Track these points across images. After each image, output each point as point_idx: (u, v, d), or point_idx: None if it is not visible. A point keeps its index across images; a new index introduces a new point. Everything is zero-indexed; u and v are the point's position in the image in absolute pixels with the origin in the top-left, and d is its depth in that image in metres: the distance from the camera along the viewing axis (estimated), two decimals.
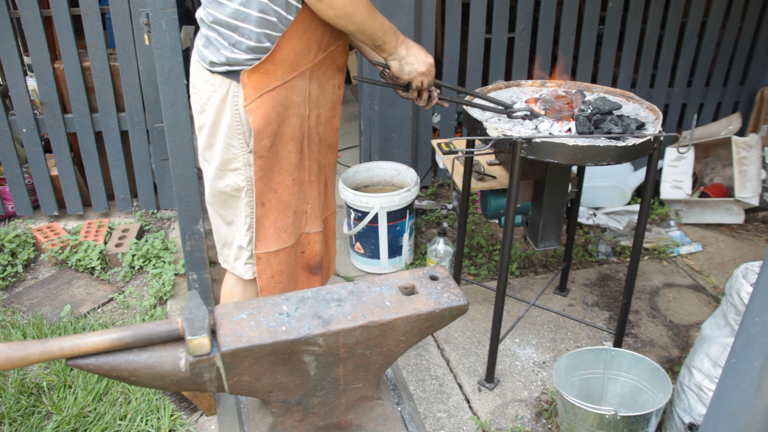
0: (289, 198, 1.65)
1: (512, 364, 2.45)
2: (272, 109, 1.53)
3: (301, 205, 1.71)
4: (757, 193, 3.27)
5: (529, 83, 2.38)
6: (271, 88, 1.51)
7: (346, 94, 5.71)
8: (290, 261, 1.73)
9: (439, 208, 3.54)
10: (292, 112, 1.57)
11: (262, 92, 1.51)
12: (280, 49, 1.49)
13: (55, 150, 3.30)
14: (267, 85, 1.51)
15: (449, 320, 1.11)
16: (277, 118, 1.55)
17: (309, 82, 1.59)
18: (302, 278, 1.83)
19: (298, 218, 1.71)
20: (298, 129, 1.61)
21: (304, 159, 1.67)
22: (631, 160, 1.93)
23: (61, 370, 2.34)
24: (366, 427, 1.19)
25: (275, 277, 1.72)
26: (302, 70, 1.55)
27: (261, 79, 1.50)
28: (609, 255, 3.17)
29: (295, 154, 1.63)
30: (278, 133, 1.57)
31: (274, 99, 1.53)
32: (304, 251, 1.77)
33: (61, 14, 3.00)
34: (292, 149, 1.61)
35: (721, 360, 1.87)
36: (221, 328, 1.01)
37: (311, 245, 1.77)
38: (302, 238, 1.76)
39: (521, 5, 3.41)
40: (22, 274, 3.03)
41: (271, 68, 1.50)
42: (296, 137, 1.61)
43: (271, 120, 1.55)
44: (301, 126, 1.61)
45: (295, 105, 1.57)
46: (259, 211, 1.63)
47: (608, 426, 1.88)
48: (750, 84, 3.87)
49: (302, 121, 1.61)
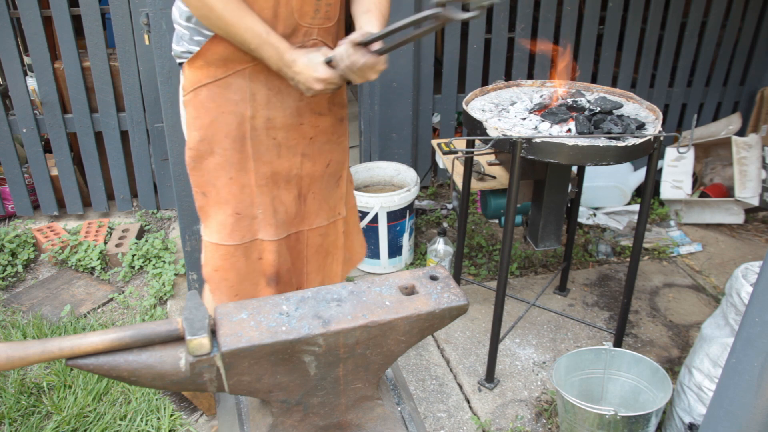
0: (227, 196, 1.63)
1: (512, 364, 2.45)
2: (201, 104, 1.55)
3: (247, 208, 1.65)
4: (757, 193, 3.27)
5: (529, 83, 2.39)
6: (203, 83, 1.53)
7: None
8: (238, 263, 1.68)
9: (439, 208, 3.54)
10: (227, 110, 1.56)
11: (195, 86, 1.54)
12: (210, 47, 1.51)
13: (55, 150, 3.30)
14: (199, 81, 1.53)
15: (449, 320, 1.11)
16: (207, 113, 1.56)
17: (250, 83, 1.56)
18: (261, 286, 1.76)
19: (244, 221, 1.65)
20: (235, 128, 1.58)
21: (247, 160, 1.62)
22: (631, 160, 1.93)
23: (61, 370, 2.34)
24: (366, 427, 1.19)
25: (219, 272, 1.69)
26: (239, 69, 1.53)
27: (194, 74, 1.53)
28: (609, 255, 3.17)
29: (232, 152, 1.60)
30: (209, 127, 1.57)
31: (205, 94, 1.54)
32: (261, 258, 1.71)
33: (61, 14, 3.01)
34: (228, 147, 1.59)
35: (721, 360, 1.87)
36: (221, 328, 1.01)
37: (266, 254, 1.70)
38: (256, 244, 1.69)
39: (521, 5, 3.41)
40: (22, 274, 3.03)
41: (203, 65, 1.52)
42: (233, 136, 1.58)
43: (200, 114, 1.56)
44: (240, 125, 1.58)
45: (231, 103, 1.56)
46: (201, 199, 1.65)
47: (608, 426, 1.88)
48: (750, 84, 3.87)
49: (241, 120, 1.58)
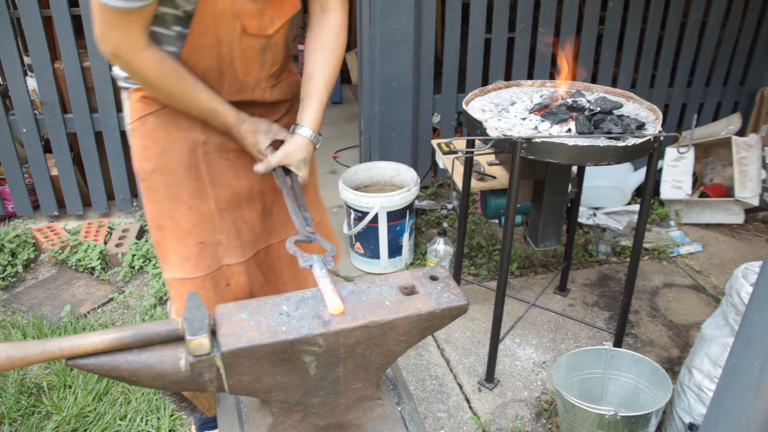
0: (188, 227, 1.52)
1: (512, 364, 2.45)
2: (149, 133, 1.46)
3: (210, 236, 1.56)
4: (757, 193, 3.27)
5: (529, 83, 2.39)
6: (149, 111, 1.45)
7: (346, 94, 5.71)
8: (208, 294, 1.59)
9: (439, 208, 3.54)
10: (177, 138, 1.48)
11: (141, 114, 1.45)
12: None
13: (55, 150, 3.30)
14: (145, 109, 1.45)
15: (449, 320, 1.11)
16: (156, 143, 1.46)
17: None
18: None
19: (208, 250, 1.56)
20: (188, 155, 1.49)
21: (204, 187, 1.53)
22: (631, 160, 1.92)
23: (61, 370, 2.34)
24: (366, 427, 1.19)
25: None
26: None
27: (140, 102, 1.44)
28: (609, 255, 3.17)
29: (188, 181, 1.51)
30: (161, 157, 1.47)
31: (152, 123, 1.45)
32: (229, 284, 1.64)
33: (61, 14, 3.01)
34: (183, 176, 1.50)
35: (721, 360, 1.87)
36: (221, 328, 1.01)
37: (235, 277, 1.63)
38: (223, 270, 1.61)
39: (521, 5, 3.41)
40: (22, 274, 3.03)
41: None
42: (187, 164, 1.49)
43: (149, 144, 1.46)
44: (193, 152, 1.50)
45: (181, 130, 1.47)
46: (158, 234, 1.54)
47: (608, 426, 1.88)
48: (750, 84, 3.87)
49: (194, 146, 1.49)
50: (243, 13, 1.32)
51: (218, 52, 1.37)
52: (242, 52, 1.39)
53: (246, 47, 1.39)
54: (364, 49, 3.47)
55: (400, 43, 3.28)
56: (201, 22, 1.30)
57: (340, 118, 5.12)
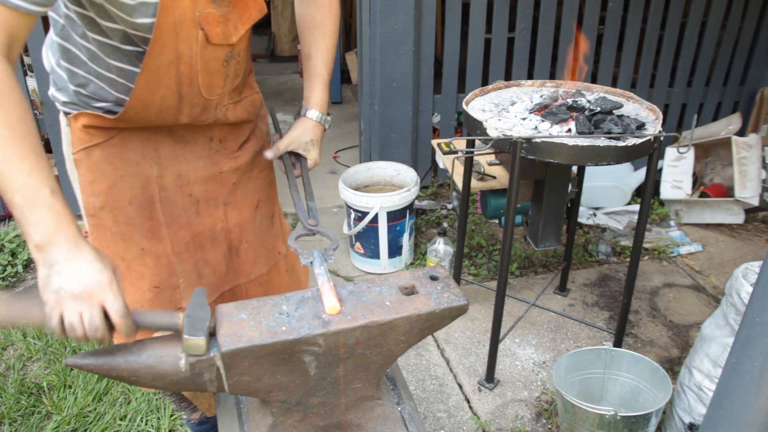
0: (141, 269, 1.39)
1: (512, 364, 2.45)
2: (95, 166, 1.31)
3: (166, 279, 1.43)
4: (757, 193, 3.27)
5: (529, 83, 2.39)
6: (94, 143, 1.30)
7: (346, 94, 5.71)
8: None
9: (439, 208, 3.54)
10: (127, 173, 1.33)
11: (85, 145, 1.30)
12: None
13: (55, 150, 3.30)
14: (90, 139, 1.29)
15: (449, 320, 1.11)
16: (104, 177, 1.32)
17: (151, 135, 1.35)
18: None
19: (164, 293, 1.43)
20: (140, 192, 1.35)
21: (159, 227, 1.39)
22: (631, 160, 1.93)
23: (61, 370, 2.34)
24: (366, 427, 1.19)
25: None
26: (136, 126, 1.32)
27: (83, 132, 1.29)
28: (609, 255, 3.17)
29: (141, 221, 1.37)
30: (109, 193, 1.33)
31: (99, 155, 1.30)
32: None
33: None
34: (134, 214, 1.36)
35: (721, 360, 1.87)
36: (221, 328, 1.01)
37: None
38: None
39: (521, 5, 3.41)
40: (22, 274, 3.03)
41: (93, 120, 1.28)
42: (139, 201, 1.36)
43: (96, 178, 1.31)
44: (146, 188, 1.36)
45: (131, 164, 1.34)
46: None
47: (608, 426, 1.88)
48: (750, 84, 3.87)
49: (146, 182, 1.36)
50: (205, 20, 1.19)
51: (177, 72, 1.22)
52: (205, 65, 1.25)
53: (209, 59, 1.24)
54: (364, 49, 3.47)
55: (400, 43, 3.28)
56: (159, 37, 1.15)
57: (340, 118, 5.12)
